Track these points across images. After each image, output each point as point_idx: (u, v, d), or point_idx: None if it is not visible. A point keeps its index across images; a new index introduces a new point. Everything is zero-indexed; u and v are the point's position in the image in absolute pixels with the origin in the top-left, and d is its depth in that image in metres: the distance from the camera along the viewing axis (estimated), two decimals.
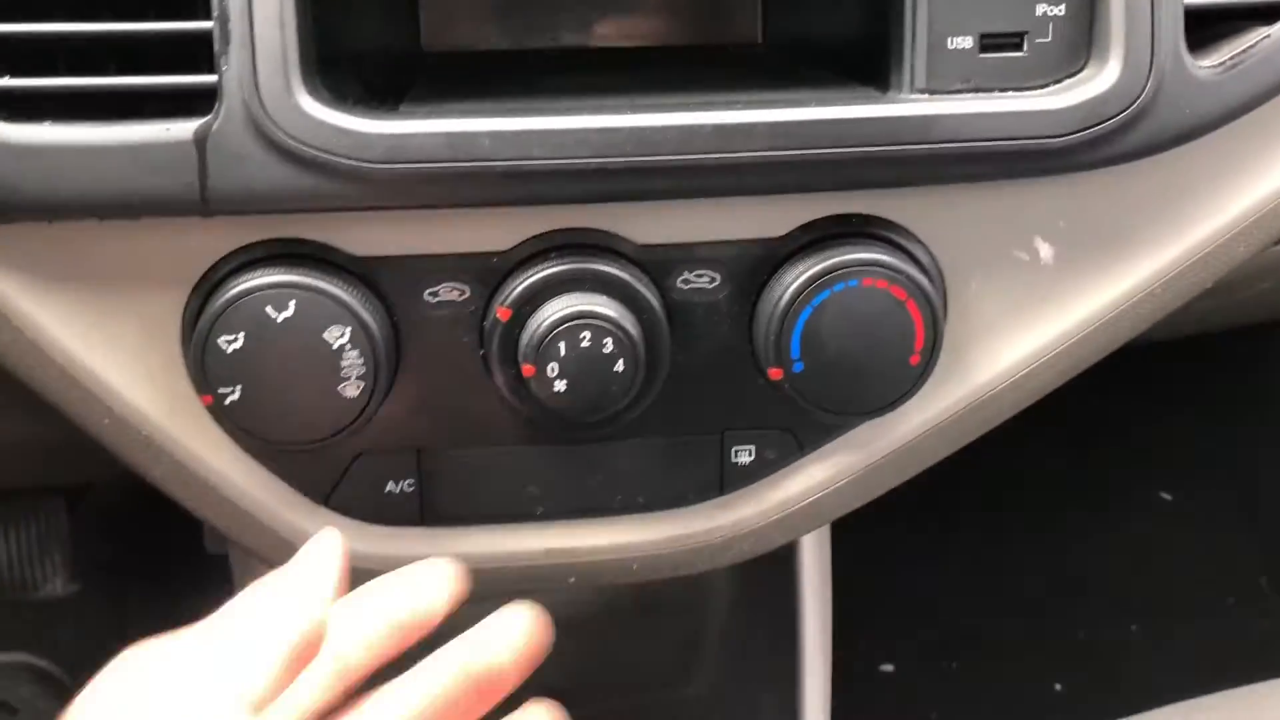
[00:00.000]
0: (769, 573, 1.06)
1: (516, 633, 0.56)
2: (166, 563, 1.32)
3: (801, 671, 1.09)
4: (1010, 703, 1.53)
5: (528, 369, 0.62)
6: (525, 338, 0.62)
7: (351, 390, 0.62)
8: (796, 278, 0.64)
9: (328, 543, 0.56)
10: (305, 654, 0.51)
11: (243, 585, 0.54)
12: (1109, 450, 1.79)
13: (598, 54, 0.86)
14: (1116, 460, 1.78)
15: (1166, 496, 1.77)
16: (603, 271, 0.63)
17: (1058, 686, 1.54)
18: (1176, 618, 1.61)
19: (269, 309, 0.61)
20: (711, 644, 1.17)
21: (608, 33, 0.87)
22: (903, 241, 0.66)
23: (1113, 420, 1.75)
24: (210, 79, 0.58)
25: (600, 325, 0.61)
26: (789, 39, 0.84)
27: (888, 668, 1.57)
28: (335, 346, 0.61)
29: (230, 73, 0.58)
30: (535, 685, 0.58)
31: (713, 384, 0.65)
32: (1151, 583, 1.66)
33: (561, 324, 0.61)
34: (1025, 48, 0.63)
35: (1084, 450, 1.77)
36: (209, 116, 0.58)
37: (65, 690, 1.33)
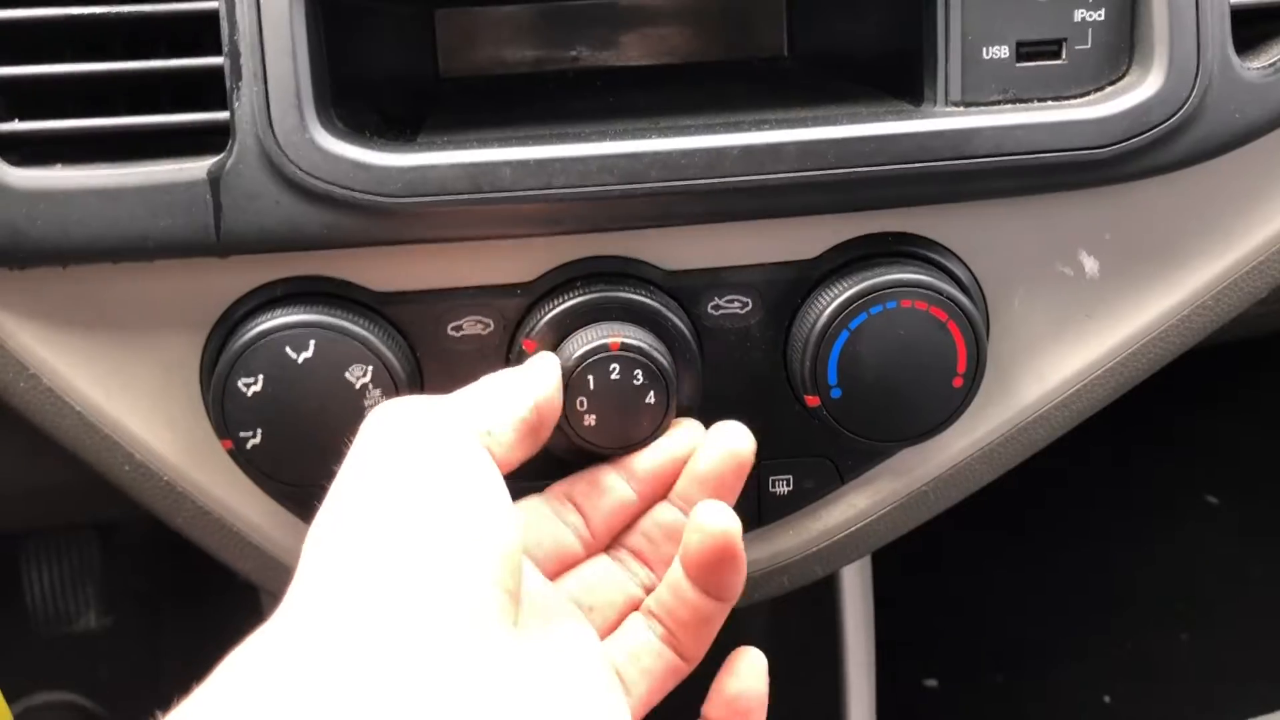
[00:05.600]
0: (809, 589, 1.04)
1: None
2: (199, 593, 1.32)
3: (845, 689, 1.08)
4: (1058, 717, 1.49)
5: None
6: None
7: None
8: (831, 301, 0.61)
9: (545, 357, 0.60)
10: (536, 419, 0.55)
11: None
12: (1153, 454, 1.75)
13: (620, 74, 0.84)
14: (1161, 464, 1.75)
15: (1213, 500, 1.73)
16: (631, 300, 0.61)
17: (1107, 699, 1.51)
18: (1227, 625, 1.57)
19: (288, 349, 0.59)
20: None
21: (630, 52, 0.86)
22: (941, 259, 0.64)
23: (1157, 423, 1.72)
24: (222, 115, 0.57)
25: (630, 356, 0.59)
26: (816, 52, 0.82)
27: (932, 683, 1.54)
28: (358, 386, 0.60)
29: (242, 108, 0.57)
30: None
31: (747, 412, 0.63)
32: (1200, 589, 1.62)
33: (590, 356, 0.59)
34: (1064, 55, 0.61)
35: (1127, 454, 1.73)
36: (222, 154, 0.57)
37: None
